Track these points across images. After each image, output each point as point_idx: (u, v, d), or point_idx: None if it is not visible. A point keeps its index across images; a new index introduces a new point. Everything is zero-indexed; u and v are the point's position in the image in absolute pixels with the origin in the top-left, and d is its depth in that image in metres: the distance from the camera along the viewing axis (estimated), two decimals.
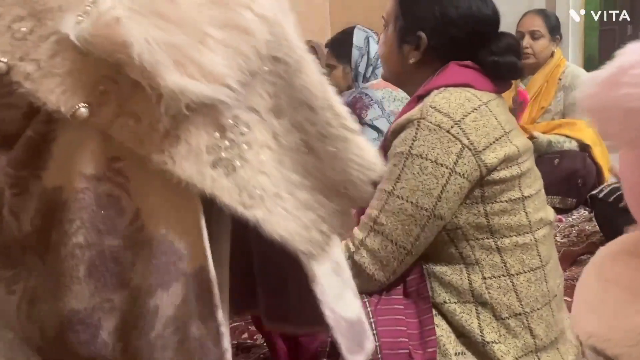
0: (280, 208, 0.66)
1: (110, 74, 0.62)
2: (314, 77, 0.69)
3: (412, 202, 1.05)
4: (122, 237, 0.63)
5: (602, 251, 0.73)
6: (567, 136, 2.68)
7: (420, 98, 1.13)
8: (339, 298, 0.76)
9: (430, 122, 1.05)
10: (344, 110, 0.72)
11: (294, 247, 0.68)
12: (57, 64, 0.61)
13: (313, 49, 3.20)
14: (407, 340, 1.05)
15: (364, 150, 0.72)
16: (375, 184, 0.76)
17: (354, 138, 0.71)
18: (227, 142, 0.64)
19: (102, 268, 0.63)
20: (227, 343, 0.68)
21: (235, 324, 1.73)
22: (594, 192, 2.15)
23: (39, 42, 0.62)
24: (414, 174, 1.05)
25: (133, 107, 0.62)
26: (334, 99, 0.71)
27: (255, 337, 1.64)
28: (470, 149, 1.04)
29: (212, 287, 0.66)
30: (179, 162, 0.62)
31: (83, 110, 0.61)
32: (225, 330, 0.68)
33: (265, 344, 1.58)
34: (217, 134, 0.64)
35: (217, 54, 0.62)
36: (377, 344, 1.03)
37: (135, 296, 0.64)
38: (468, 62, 1.15)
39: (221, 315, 0.67)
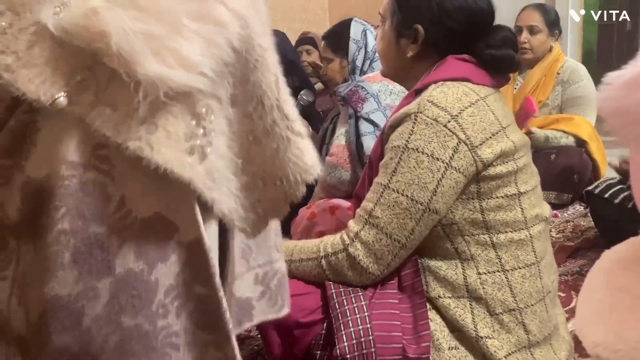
0: (226, 188, 0.71)
1: (87, 63, 0.64)
2: (269, 77, 0.74)
3: (407, 196, 1.04)
4: (108, 224, 0.65)
5: (609, 256, 0.70)
6: (564, 131, 2.68)
7: (418, 92, 1.13)
8: (238, 277, 0.83)
9: (427, 116, 1.04)
10: (293, 113, 0.77)
11: (233, 224, 0.73)
12: (35, 54, 0.63)
13: (312, 39, 3.18)
14: (400, 334, 1.05)
15: (304, 153, 0.77)
16: (310, 185, 0.82)
17: (296, 141, 0.76)
18: (201, 130, 0.67)
19: (86, 255, 0.64)
20: (225, 305, 0.72)
21: None
22: (589, 187, 2.15)
23: (18, 34, 0.63)
24: (410, 167, 1.04)
25: (110, 96, 0.63)
26: (286, 100, 0.76)
27: (249, 329, 1.63)
28: (466, 144, 1.04)
29: (207, 255, 0.70)
30: (158, 149, 0.64)
31: (62, 99, 0.63)
32: (222, 295, 0.72)
33: (258, 335, 1.58)
34: (193, 122, 0.67)
35: (193, 44, 0.64)
36: (371, 337, 1.03)
37: (125, 280, 0.66)
38: (466, 56, 1.15)
39: (218, 281, 0.71)
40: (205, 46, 0.65)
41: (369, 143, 1.90)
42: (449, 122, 1.04)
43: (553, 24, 2.84)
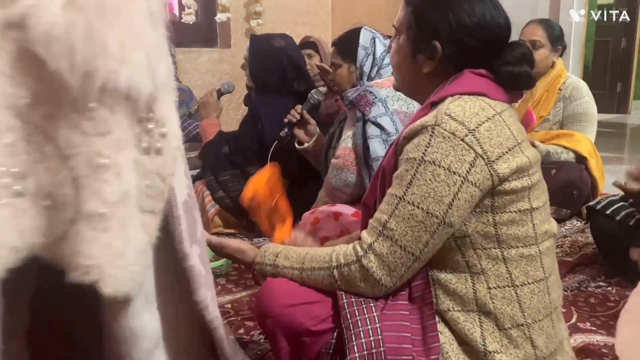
0: None
1: None
2: None
3: (422, 209, 1.04)
4: None
5: None
6: (565, 147, 2.70)
7: (434, 105, 1.13)
8: None
9: (445, 130, 1.04)
10: None
11: None
12: None
13: (314, 44, 3.18)
14: (410, 346, 1.05)
15: None
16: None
17: None
18: None
19: None
20: None
21: (232, 318, 1.72)
22: (591, 203, 2.16)
23: None
24: (426, 180, 1.04)
25: None
26: None
27: (251, 332, 1.63)
28: (483, 158, 1.04)
29: None
30: None
31: None
32: None
33: (262, 341, 1.57)
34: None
35: None
36: (382, 349, 1.03)
37: None
38: (482, 71, 1.15)
39: None
40: None
41: (376, 146, 1.93)
42: (466, 136, 1.04)
43: (556, 39, 2.86)
